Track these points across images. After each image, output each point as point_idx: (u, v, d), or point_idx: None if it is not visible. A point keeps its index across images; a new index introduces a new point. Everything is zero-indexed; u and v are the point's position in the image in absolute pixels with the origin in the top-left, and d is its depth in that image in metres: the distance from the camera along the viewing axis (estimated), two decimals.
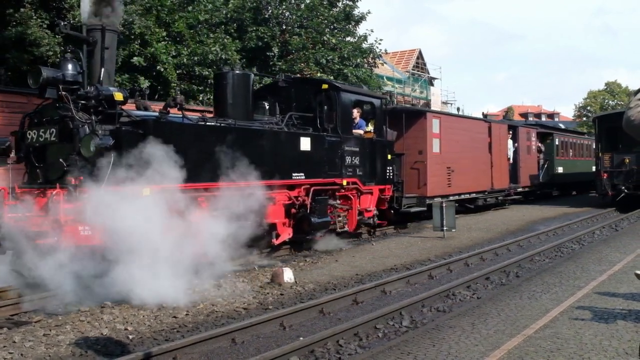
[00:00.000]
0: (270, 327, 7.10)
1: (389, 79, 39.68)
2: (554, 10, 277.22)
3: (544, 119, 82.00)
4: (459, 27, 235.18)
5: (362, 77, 22.58)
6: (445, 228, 14.68)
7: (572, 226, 17.77)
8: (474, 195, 19.92)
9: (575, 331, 6.20)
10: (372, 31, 33.29)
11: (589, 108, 70.74)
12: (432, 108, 36.84)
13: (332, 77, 20.95)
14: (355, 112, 13.74)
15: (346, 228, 13.36)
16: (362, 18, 23.42)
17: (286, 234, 11.83)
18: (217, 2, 19.68)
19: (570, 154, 31.17)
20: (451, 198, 17.75)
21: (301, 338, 6.66)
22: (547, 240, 14.78)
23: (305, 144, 11.97)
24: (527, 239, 14.57)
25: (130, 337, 6.80)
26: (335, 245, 12.98)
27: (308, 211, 11.96)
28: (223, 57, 18.31)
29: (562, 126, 55.93)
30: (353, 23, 23.35)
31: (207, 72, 18.54)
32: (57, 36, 15.53)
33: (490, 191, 20.54)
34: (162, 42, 17.23)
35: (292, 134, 11.88)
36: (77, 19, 15.00)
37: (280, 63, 20.82)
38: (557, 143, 28.98)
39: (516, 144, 23.59)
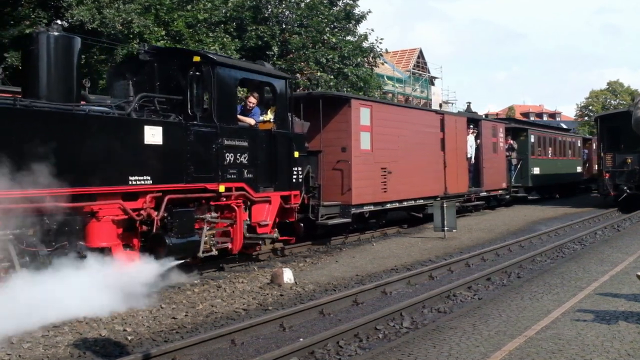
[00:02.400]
0: (270, 328, 7.06)
1: (390, 78, 39.63)
2: (557, 9, 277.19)
3: (545, 118, 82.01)
4: (462, 25, 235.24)
5: (362, 76, 22.54)
6: (446, 228, 14.62)
7: (573, 226, 17.72)
8: (421, 202, 16.45)
9: (577, 332, 6.15)
10: (372, 30, 33.23)
11: (590, 107, 70.65)
12: (433, 107, 36.30)
13: (332, 77, 20.92)
14: (252, 98, 10.91)
15: (226, 247, 10.13)
16: (362, 17, 23.38)
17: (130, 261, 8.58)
18: (216, 1, 19.64)
19: (550, 152, 28.08)
20: (389, 206, 14.97)
21: (301, 339, 6.62)
22: (548, 240, 14.73)
23: (152, 135, 8.69)
24: (528, 239, 14.53)
25: (129, 338, 6.76)
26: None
27: (161, 229, 8.84)
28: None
29: (564, 126, 55.53)
30: (353, 22, 23.30)
31: None
32: None
33: (444, 197, 16.95)
34: (161, 41, 17.18)
35: (127, 121, 8.60)
36: (75, 18, 14.96)
37: (280, 62, 20.78)
38: (532, 140, 25.91)
39: (478, 141, 20.10)
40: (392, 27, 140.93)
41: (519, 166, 24.56)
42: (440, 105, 43.96)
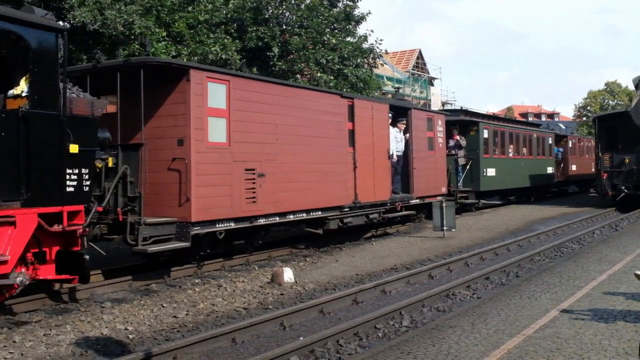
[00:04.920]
0: (271, 327, 7.11)
1: (389, 79, 39.70)
2: (558, 9, 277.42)
3: (543, 118, 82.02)
4: (463, 26, 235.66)
5: (362, 77, 22.57)
6: (445, 228, 14.68)
7: (572, 226, 17.78)
8: (318, 214, 12.35)
9: (575, 331, 6.20)
10: (372, 31, 33.22)
11: (589, 108, 70.72)
12: (432, 108, 36.21)
13: (332, 77, 20.95)
14: None
15: None
16: (362, 18, 23.39)
17: None
18: (217, 2, 19.66)
19: (510, 150, 24.25)
20: (262, 221, 10.91)
21: (301, 338, 6.67)
22: (547, 240, 14.79)
23: None
24: (527, 239, 14.58)
25: (131, 336, 6.81)
26: None
27: None
28: (223, 57, 18.29)
29: (563, 127, 55.33)
30: (353, 23, 23.33)
31: None
32: None
33: (354, 206, 13.30)
34: (162, 42, 17.22)
35: None
36: (77, 19, 14.99)
37: (280, 63, 20.80)
38: (485, 135, 21.87)
39: (407, 136, 15.85)
40: (393, 28, 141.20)
41: (467, 167, 20.72)
42: (443, 105, 43.99)
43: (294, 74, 20.83)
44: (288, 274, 9.60)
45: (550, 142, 29.12)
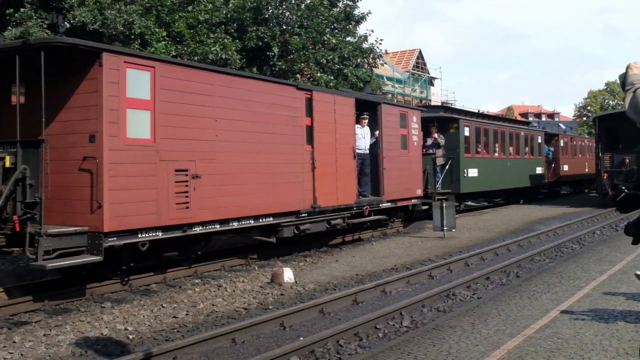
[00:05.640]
0: (271, 327, 7.10)
1: (389, 79, 39.70)
2: (559, 10, 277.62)
3: (544, 118, 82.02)
4: (465, 26, 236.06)
5: (362, 77, 22.58)
6: (445, 228, 14.68)
7: (572, 226, 17.78)
8: (270, 220, 11.02)
9: (576, 331, 6.19)
10: (372, 31, 33.20)
11: (589, 108, 70.74)
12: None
13: (332, 77, 20.96)
14: None
15: None
16: (362, 18, 23.41)
17: None
18: (217, 2, 19.66)
19: (496, 150, 23.09)
20: (198, 229, 9.48)
21: (301, 338, 6.66)
22: (547, 240, 14.79)
23: None
24: (527, 238, 14.58)
25: (130, 337, 6.80)
26: None
27: None
28: (223, 57, 18.30)
29: (563, 127, 55.17)
30: (353, 23, 23.35)
31: None
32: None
33: (313, 211, 11.98)
34: (162, 42, 17.22)
35: None
36: (77, 19, 14.99)
37: (280, 63, 20.81)
38: (466, 134, 20.53)
39: (376, 133, 14.61)
40: (394, 28, 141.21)
41: (446, 167, 19.21)
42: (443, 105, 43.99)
43: (294, 73, 20.83)
44: (288, 274, 9.60)
45: (539, 140, 27.78)
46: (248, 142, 10.50)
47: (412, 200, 15.92)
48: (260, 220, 10.81)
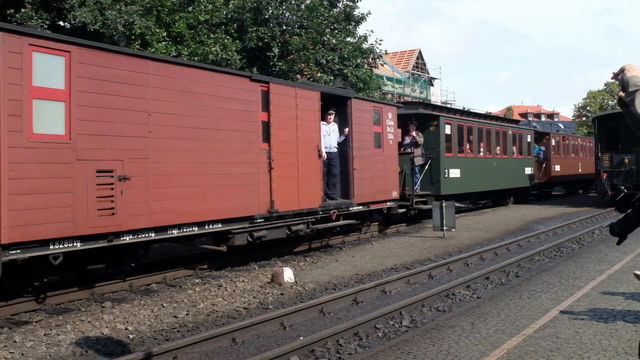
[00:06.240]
0: (271, 327, 7.12)
1: (389, 79, 39.72)
2: (560, 10, 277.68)
3: (543, 119, 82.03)
4: (466, 26, 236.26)
5: (362, 77, 22.62)
6: (445, 228, 14.70)
7: (571, 226, 17.81)
8: (218, 226, 9.86)
9: (575, 331, 6.21)
10: (372, 32, 33.27)
11: (588, 108, 70.75)
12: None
13: (332, 77, 20.99)
14: None
15: None
16: (362, 18, 23.45)
17: None
18: (217, 2, 19.69)
19: (481, 149, 21.65)
20: (128, 238, 8.35)
21: (301, 337, 6.68)
22: (546, 240, 14.81)
23: None
24: (526, 238, 14.59)
25: (131, 336, 6.82)
26: None
27: None
28: (223, 57, 18.33)
29: (562, 126, 55.18)
30: (353, 23, 23.38)
31: None
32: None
33: (270, 216, 10.90)
34: (163, 43, 17.24)
35: None
36: (77, 20, 15.01)
37: (280, 63, 20.84)
38: (447, 132, 19.08)
39: (346, 130, 13.42)
40: (395, 28, 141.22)
41: (426, 168, 17.99)
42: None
43: (294, 74, 20.87)
44: (288, 274, 9.62)
45: (529, 139, 26.41)
46: (190, 139, 9.27)
47: (387, 203, 14.91)
48: (207, 227, 9.62)
